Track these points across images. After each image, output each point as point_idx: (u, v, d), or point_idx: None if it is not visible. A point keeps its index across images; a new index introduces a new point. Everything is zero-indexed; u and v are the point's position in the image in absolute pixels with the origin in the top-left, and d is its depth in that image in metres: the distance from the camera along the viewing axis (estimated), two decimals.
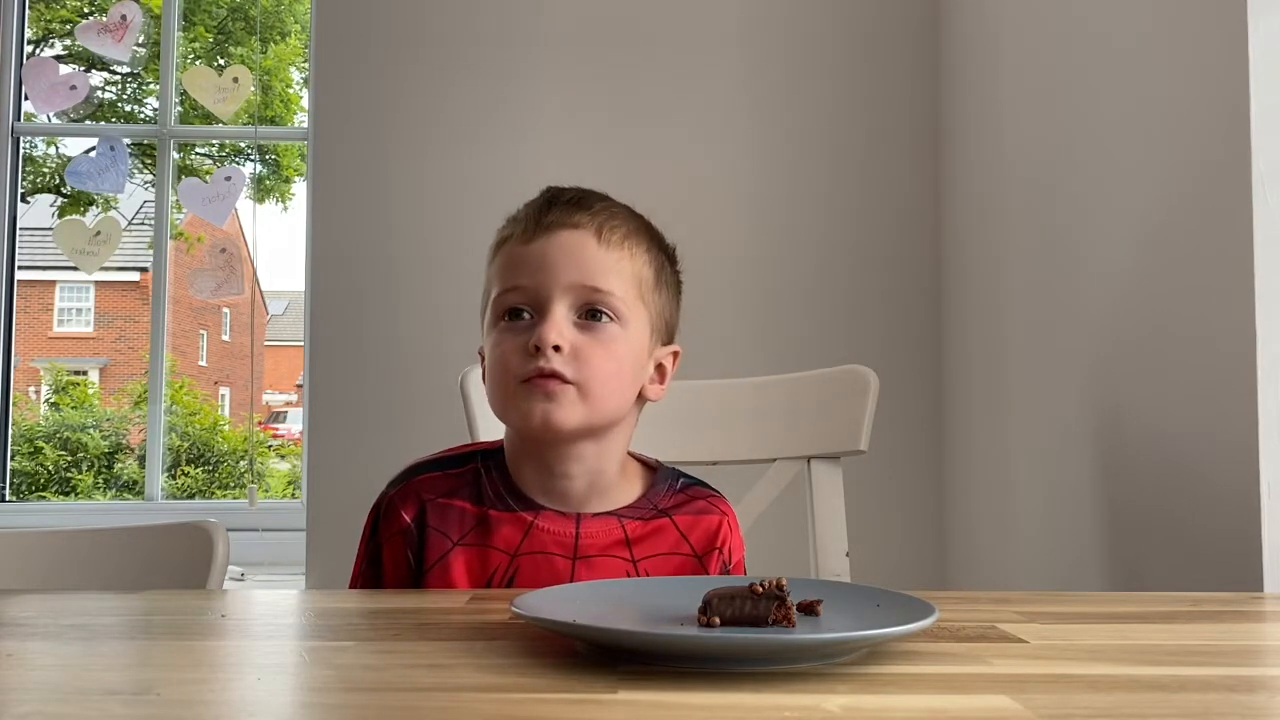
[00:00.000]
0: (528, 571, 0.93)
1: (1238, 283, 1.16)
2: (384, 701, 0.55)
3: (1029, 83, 1.83)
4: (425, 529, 0.95)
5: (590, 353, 0.90)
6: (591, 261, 0.91)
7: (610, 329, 0.92)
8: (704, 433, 1.30)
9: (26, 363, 8.25)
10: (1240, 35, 1.16)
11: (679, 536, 0.96)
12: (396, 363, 2.26)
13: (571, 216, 0.93)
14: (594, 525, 0.95)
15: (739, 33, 2.33)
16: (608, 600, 0.71)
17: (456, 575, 0.94)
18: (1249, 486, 1.13)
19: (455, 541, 0.95)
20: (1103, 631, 0.74)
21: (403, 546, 0.96)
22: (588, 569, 0.93)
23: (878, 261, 2.29)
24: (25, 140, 3.13)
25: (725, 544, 0.97)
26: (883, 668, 0.60)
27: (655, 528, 0.96)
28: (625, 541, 0.94)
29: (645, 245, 0.96)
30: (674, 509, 0.97)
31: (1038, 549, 1.76)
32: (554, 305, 0.90)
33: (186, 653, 0.67)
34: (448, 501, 0.96)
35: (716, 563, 0.96)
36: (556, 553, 0.93)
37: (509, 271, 0.93)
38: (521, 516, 0.95)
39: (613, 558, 0.94)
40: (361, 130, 2.32)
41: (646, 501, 0.97)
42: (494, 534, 0.94)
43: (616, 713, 0.52)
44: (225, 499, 6.03)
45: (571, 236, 0.92)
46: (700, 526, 0.97)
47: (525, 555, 0.93)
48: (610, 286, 0.91)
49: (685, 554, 0.95)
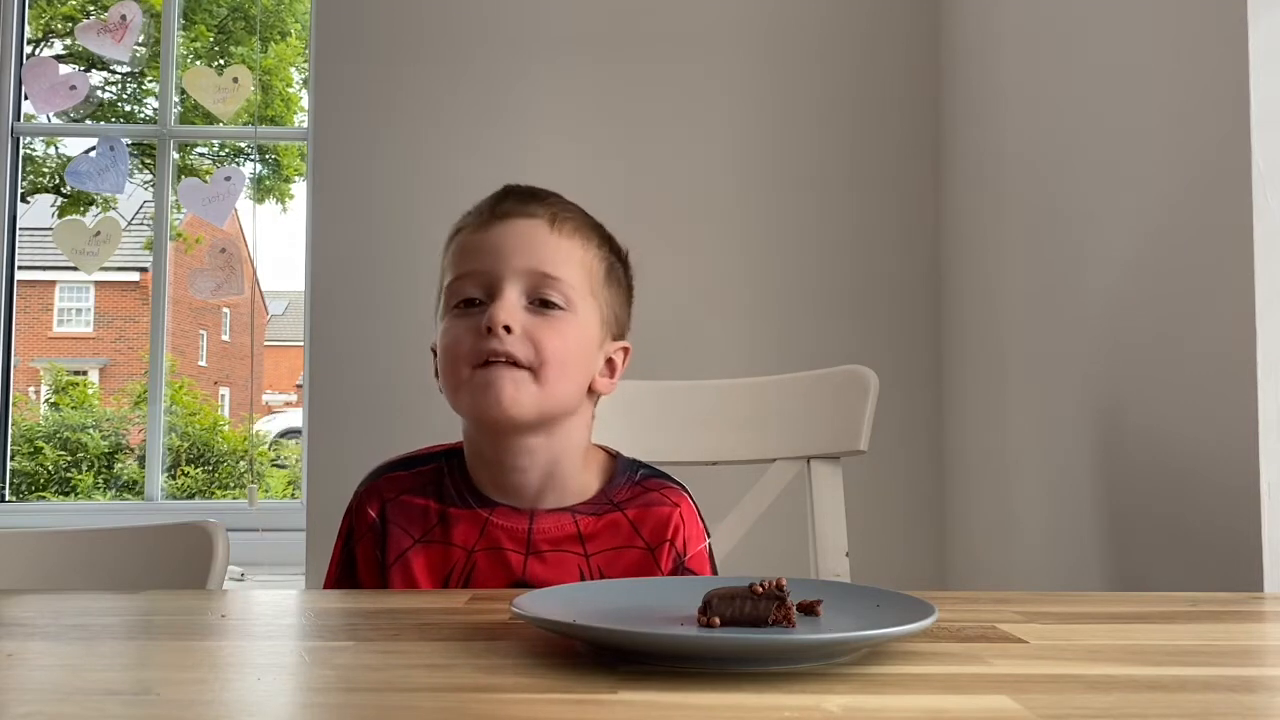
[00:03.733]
0: (483, 567, 0.94)
1: (1238, 282, 1.16)
2: (384, 701, 0.55)
3: (1029, 83, 1.83)
4: (387, 525, 0.97)
5: (541, 336, 0.90)
6: (544, 248, 0.93)
7: (561, 315, 0.92)
8: (704, 433, 1.30)
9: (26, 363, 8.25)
10: (1240, 35, 1.16)
11: (631, 530, 0.95)
12: (396, 363, 2.26)
13: (526, 206, 0.95)
14: (547, 521, 0.95)
15: (737, 33, 2.32)
16: (608, 600, 0.71)
17: (418, 572, 0.95)
18: (1249, 486, 1.13)
19: (416, 539, 0.96)
20: (1103, 631, 0.74)
21: (371, 544, 0.97)
22: (540, 564, 0.93)
23: (878, 262, 2.29)
24: (25, 140, 3.12)
25: (678, 535, 0.96)
26: (883, 668, 0.60)
27: (608, 522, 0.95)
28: (578, 536, 0.94)
29: (596, 241, 0.98)
30: (627, 502, 0.97)
31: (1038, 549, 1.76)
32: (505, 288, 0.91)
33: (186, 653, 0.67)
34: (410, 499, 0.98)
35: (668, 555, 0.95)
36: (510, 548, 0.94)
37: (462, 258, 0.94)
38: (478, 513, 0.96)
39: (565, 552, 0.94)
40: (361, 130, 2.32)
41: (602, 495, 0.97)
42: (453, 531, 0.95)
43: (616, 713, 0.52)
44: (225, 499, 6.03)
45: (525, 224, 0.94)
46: (651, 519, 0.96)
47: (481, 551, 0.94)
48: (561, 274, 0.92)
49: (638, 547, 0.95)
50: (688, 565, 0.96)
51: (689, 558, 0.96)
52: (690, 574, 0.95)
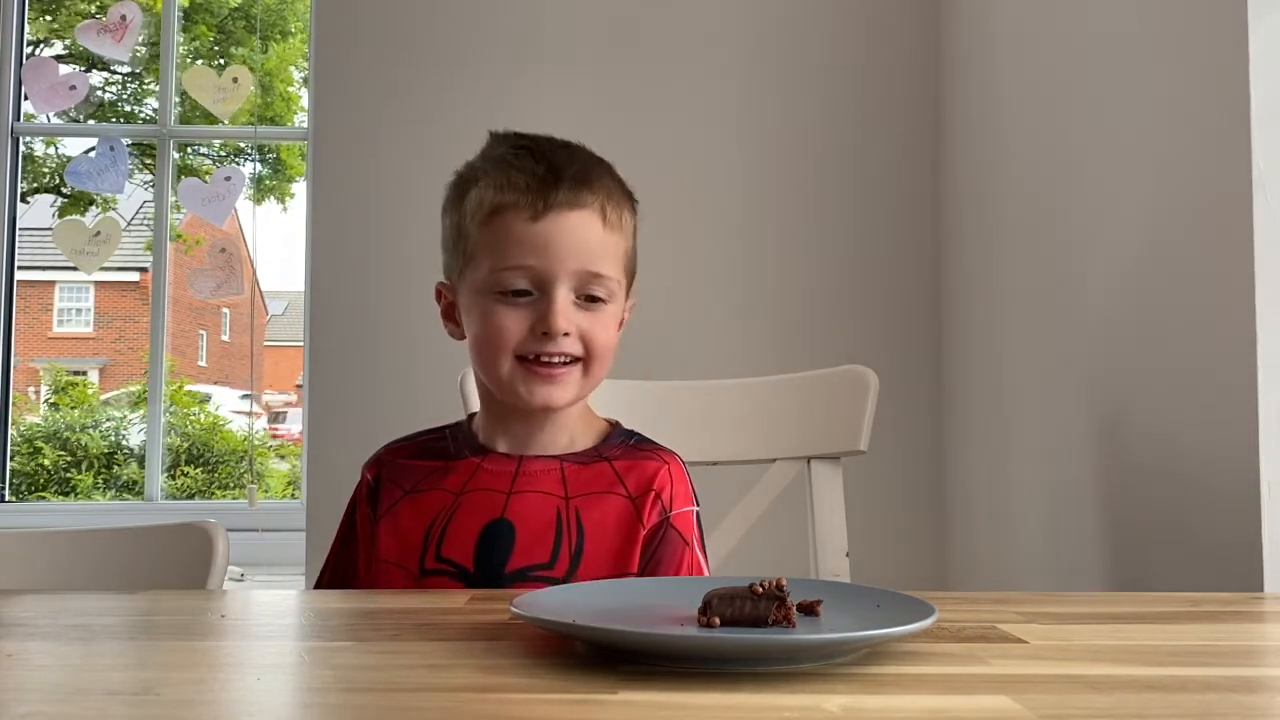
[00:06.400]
0: (467, 508, 0.96)
1: (1238, 283, 1.16)
2: (384, 701, 0.55)
3: (1029, 82, 1.83)
4: (381, 484, 1.00)
5: (591, 332, 0.94)
6: (595, 247, 0.94)
7: (604, 308, 0.96)
8: (704, 433, 1.30)
9: (26, 363, 8.25)
10: (1240, 35, 1.16)
11: (614, 478, 0.98)
12: (396, 363, 2.26)
13: (578, 196, 0.94)
14: (535, 465, 0.98)
15: (737, 32, 2.32)
16: (608, 600, 0.71)
17: (405, 520, 0.97)
18: (1249, 487, 1.13)
19: (406, 491, 0.99)
20: (1103, 631, 0.74)
21: (364, 508, 1.00)
22: (520, 502, 0.96)
23: (878, 261, 2.29)
24: (25, 140, 3.12)
25: (665, 490, 0.97)
26: (883, 668, 0.60)
27: (594, 471, 0.98)
28: (561, 479, 0.97)
29: (632, 213, 1.00)
30: (616, 457, 1.00)
31: (1038, 549, 1.76)
32: (559, 289, 0.93)
33: (186, 653, 0.67)
34: (407, 462, 1.01)
35: (653, 507, 0.96)
36: (494, 489, 0.97)
37: (513, 249, 0.93)
38: (471, 460, 0.99)
39: (546, 494, 0.96)
40: (361, 130, 2.32)
41: (593, 450, 1.00)
42: (445, 480, 0.98)
43: (616, 713, 0.52)
44: (225, 499, 6.03)
45: (579, 219, 0.94)
46: (637, 470, 0.98)
47: (467, 494, 0.97)
48: (608, 271, 0.95)
49: (620, 495, 0.97)
50: (673, 523, 0.97)
51: (675, 514, 0.97)
52: (675, 533, 0.96)
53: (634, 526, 0.96)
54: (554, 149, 0.98)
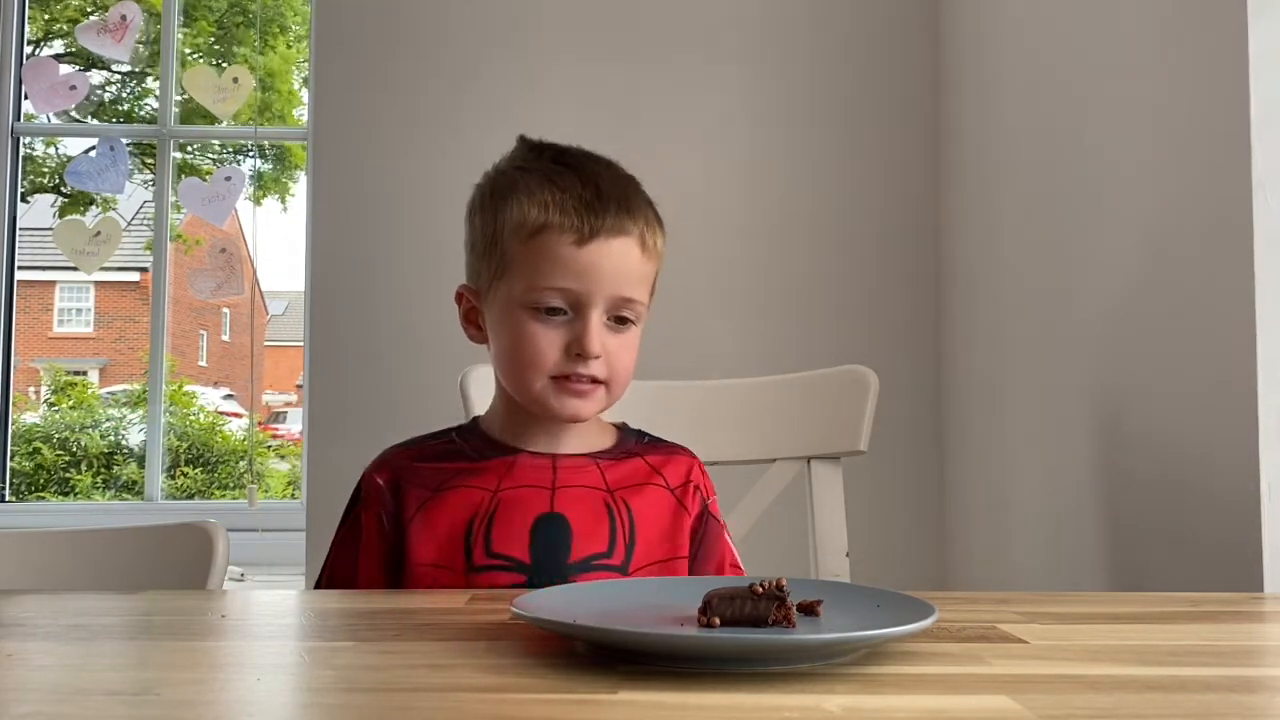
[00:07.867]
0: (509, 504, 0.96)
1: (1238, 284, 1.16)
2: (384, 701, 0.55)
3: (1029, 83, 1.83)
4: (400, 488, 0.98)
5: (619, 354, 0.96)
6: (633, 273, 0.96)
7: (632, 330, 0.98)
8: (704, 433, 1.30)
9: (26, 363, 8.24)
10: (1240, 35, 1.16)
11: (650, 471, 1.01)
12: (396, 363, 2.26)
13: (621, 223, 0.95)
14: (569, 462, 0.99)
15: (736, 34, 2.32)
16: (608, 600, 0.71)
17: (440, 516, 0.96)
18: (1249, 487, 1.13)
19: (434, 489, 0.97)
20: (1103, 631, 0.74)
21: (377, 511, 0.98)
22: (566, 498, 0.97)
23: (877, 262, 2.29)
24: (25, 140, 3.12)
25: (700, 481, 1.03)
26: (883, 668, 0.60)
27: (628, 466, 1.01)
28: (601, 475, 0.99)
29: (663, 237, 1.00)
30: (644, 453, 1.03)
31: (1038, 549, 1.76)
32: (593, 312, 0.94)
33: (186, 653, 0.67)
34: (421, 465, 1.00)
35: (694, 496, 1.01)
36: (537, 485, 0.97)
37: (554, 270, 0.93)
38: (503, 460, 0.99)
39: (590, 489, 0.98)
40: (361, 130, 2.32)
41: (618, 447, 1.03)
42: (474, 479, 0.98)
43: (616, 713, 0.52)
44: (225, 499, 6.03)
45: (620, 246, 0.95)
46: (672, 464, 1.02)
47: (506, 491, 0.97)
48: (639, 295, 0.97)
49: (660, 486, 1.00)
50: (711, 510, 1.03)
51: (711, 502, 1.03)
52: (715, 521, 1.03)
53: (679, 515, 1.00)
54: (597, 169, 0.99)
